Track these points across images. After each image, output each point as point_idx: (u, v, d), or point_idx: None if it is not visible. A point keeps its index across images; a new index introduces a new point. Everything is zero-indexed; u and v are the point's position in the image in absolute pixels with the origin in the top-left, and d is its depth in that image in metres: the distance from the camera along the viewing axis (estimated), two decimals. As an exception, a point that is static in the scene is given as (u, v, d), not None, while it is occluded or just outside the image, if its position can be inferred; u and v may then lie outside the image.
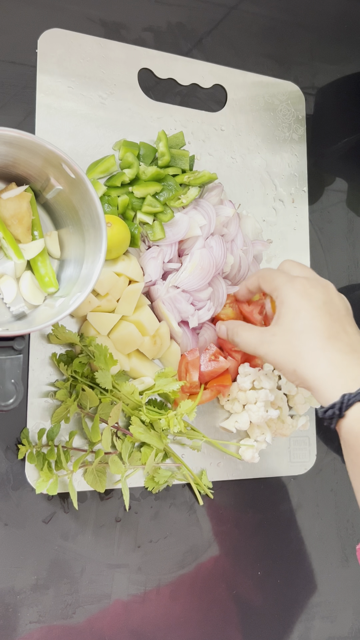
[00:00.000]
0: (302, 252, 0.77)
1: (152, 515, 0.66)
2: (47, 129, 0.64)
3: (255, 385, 0.67)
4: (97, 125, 0.67)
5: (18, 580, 0.60)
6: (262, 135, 0.76)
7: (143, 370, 0.64)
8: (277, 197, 0.76)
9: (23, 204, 0.56)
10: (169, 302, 0.65)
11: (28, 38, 0.65)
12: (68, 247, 0.58)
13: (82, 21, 0.68)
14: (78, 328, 0.63)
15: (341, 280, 0.80)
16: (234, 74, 0.75)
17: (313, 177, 0.79)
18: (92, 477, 0.61)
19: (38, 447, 0.60)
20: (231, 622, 0.68)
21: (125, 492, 0.60)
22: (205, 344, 0.68)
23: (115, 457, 0.61)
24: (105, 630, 0.63)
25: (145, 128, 0.69)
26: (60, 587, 0.61)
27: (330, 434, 0.76)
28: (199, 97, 0.73)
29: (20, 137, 0.51)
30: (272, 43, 0.79)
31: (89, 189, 0.52)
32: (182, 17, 0.74)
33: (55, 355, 0.62)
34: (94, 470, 0.61)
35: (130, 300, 0.63)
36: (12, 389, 0.52)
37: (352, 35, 0.84)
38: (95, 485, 0.61)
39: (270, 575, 0.71)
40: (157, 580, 0.66)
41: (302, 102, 0.79)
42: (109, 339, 0.63)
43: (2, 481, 0.60)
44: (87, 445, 0.63)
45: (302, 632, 0.72)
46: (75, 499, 0.59)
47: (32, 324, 0.54)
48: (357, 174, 0.83)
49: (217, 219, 0.67)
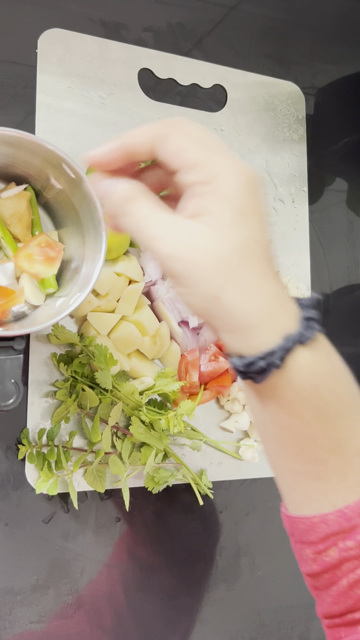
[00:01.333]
0: (302, 252, 0.77)
1: (152, 515, 0.66)
2: (47, 129, 0.64)
3: (255, 385, 0.67)
4: (97, 125, 0.67)
5: (18, 580, 0.60)
6: (262, 135, 0.76)
7: (143, 370, 0.64)
8: (277, 197, 0.76)
9: (22, 203, 0.56)
10: (169, 302, 0.65)
11: (28, 38, 0.65)
12: (68, 247, 0.58)
13: (82, 21, 0.68)
14: (78, 328, 0.63)
15: (341, 280, 0.80)
16: (234, 74, 0.75)
17: (313, 177, 0.79)
18: (92, 478, 0.61)
19: (38, 447, 0.60)
20: (231, 622, 0.68)
21: (125, 492, 0.60)
22: (205, 344, 0.68)
23: (115, 457, 0.61)
24: (105, 630, 0.63)
25: (145, 128, 0.69)
26: (60, 587, 0.61)
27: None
28: (199, 97, 0.73)
29: (20, 137, 0.51)
30: (272, 43, 0.79)
31: (89, 189, 0.52)
32: (182, 17, 0.74)
33: (55, 355, 0.62)
34: (94, 471, 0.61)
35: (130, 300, 0.63)
36: (12, 389, 0.52)
37: (352, 35, 0.84)
38: (96, 485, 0.61)
39: (270, 574, 0.71)
40: (157, 580, 0.66)
41: (302, 102, 0.79)
42: (109, 339, 0.63)
43: (2, 481, 0.60)
44: (87, 445, 0.63)
45: (302, 632, 0.72)
46: (75, 499, 0.59)
47: (32, 324, 0.54)
48: (357, 174, 0.83)
49: (217, 219, 0.67)
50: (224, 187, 0.37)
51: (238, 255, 0.37)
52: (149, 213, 0.38)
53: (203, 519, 0.68)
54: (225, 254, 0.37)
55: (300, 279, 0.76)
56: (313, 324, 0.38)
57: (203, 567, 0.68)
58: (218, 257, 0.37)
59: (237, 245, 0.37)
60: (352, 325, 0.81)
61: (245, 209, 0.37)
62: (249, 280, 0.37)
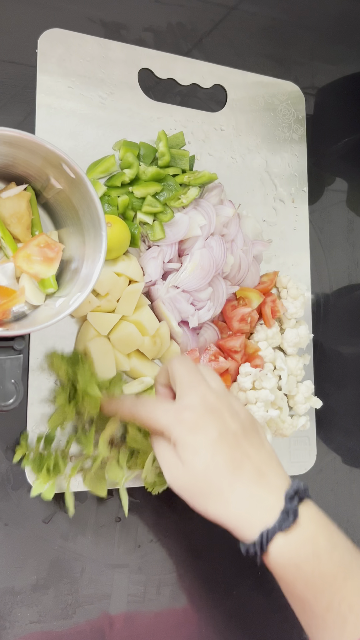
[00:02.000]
0: (302, 252, 0.77)
1: (153, 515, 0.66)
2: (47, 129, 0.64)
3: (256, 385, 0.67)
4: (97, 125, 0.67)
5: (18, 580, 0.60)
6: (262, 135, 0.76)
7: (143, 370, 0.64)
8: (277, 197, 0.76)
9: (22, 203, 0.56)
10: (169, 302, 0.65)
11: (28, 38, 0.65)
12: (68, 247, 0.58)
13: (82, 21, 0.68)
14: (78, 328, 0.63)
15: (341, 280, 0.80)
16: (234, 74, 0.75)
17: (313, 177, 0.79)
18: (91, 482, 0.61)
19: (35, 450, 0.60)
20: (231, 622, 0.68)
21: (124, 498, 0.60)
22: (205, 344, 0.68)
23: (113, 463, 0.61)
24: (105, 630, 0.63)
25: (145, 128, 0.69)
26: (60, 587, 0.61)
27: (331, 434, 0.76)
28: (199, 97, 0.73)
29: (20, 137, 0.51)
30: (272, 43, 0.79)
31: (89, 189, 0.52)
32: (182, 17, 0.74)
33: (55, 354, 0.61)
34: (92, 477, 0.61)
35: (130, 300, 0.63)
36: (12, 389, 0.51)
37: (352, 35, 0.84)
38: (97, 489, 0.61)
39: (270, 574, 0.71)
40: (158, 580, 0.65)
41: (302, 102, 0.79)
42: (109, 339, 0.63)
43: (2, 481, 0.60)
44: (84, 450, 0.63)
45: (302, 632, 0.72)
46: (71, 504, 0.59)
47: (32, 324, 0.54)
48: (357, 174, 0.83)
49: (217, 219, 0.67)
50: (174, 437, 0.51)
51: (203, 479, 0.49)
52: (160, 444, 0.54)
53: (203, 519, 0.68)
54: (196, 483, 0.50)
55: (300, 279, 0.76)
56: (291, 515, 0.48)
57: (203, 567, 0.68)
58: (192, 486, 0.50)
59: (200, 473, 0.50)
60: (352, 325, 0.81)
61: (195, 445, 0.50)
62: (220, 496, 0.49)
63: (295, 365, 0.71)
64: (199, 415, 0.51)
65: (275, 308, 0.70)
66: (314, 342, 0.76)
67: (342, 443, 0.77)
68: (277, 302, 0.71)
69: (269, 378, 0.67)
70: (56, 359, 0.61)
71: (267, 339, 0.70)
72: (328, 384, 0.77)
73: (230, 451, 0.50)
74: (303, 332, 0.71)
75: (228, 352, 0.68)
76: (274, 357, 0.70)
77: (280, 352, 0.71)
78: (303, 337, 0.71)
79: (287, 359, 0.71)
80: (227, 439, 0.51)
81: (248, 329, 0.69)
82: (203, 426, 0.51)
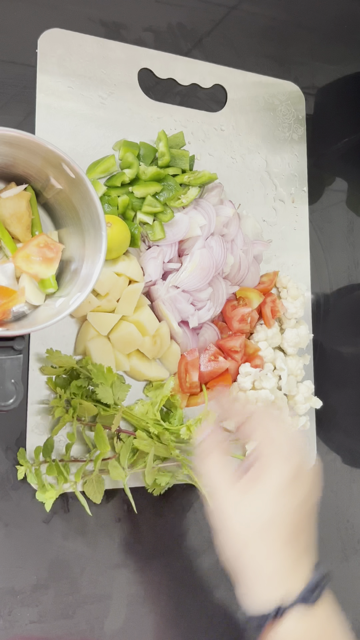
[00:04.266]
0: (302, 252, 0.77)
1: (153, 515, 0.66)
2: (47, 129, 0.64)
3: (256, 385, 0.67)
4: (97, 125, 0.67)
5: (18, 580, 0.60)
6: (262, 135, 0.76)
7: (143, 370, 0.64)
8: (277, 197, 0.76)
9: (22, 203, 0.56)
10: (169, 302, 0.65)
11: (28, 38, 0.65)
12: (68, 247, 0.57)
13: (82, 21, 0.68)
14: (78, 328, 0.63)
15: (341, 280, 0.80)
16: (234, 74, 0.75)
17: (313, 177, 0.79)
18: (89, 488, 0.61)
19: (36, 464, 0.59)
20: (232, 622, 0.68)
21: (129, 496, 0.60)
22: (205, 344, 0.68)
23: (115, 462, 0.60)
24: (105, 630, 0.63)
25: (145, 128, 0.69)
26: (60, 587, 0.61)
27: (331, 434, 0.76)
28: (199, 97, 0.73)
29: (20, 137, 0.51)
30: (272, 43, 0.79)
31: (89, 189, 0.52)
32: (182, 17, 0.74)
33: (52, 380, 0.61)
34: (93, 481, 0.60)
35: (130, 300, 0.63)
36: (12, 389, 0.51)
37: (352, 35, 0.84)
38: (93, 495, 0.60)
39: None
40: (158, 581, 0.65)
41: (302, 102, 0.79)
42: (109, 339, 0.63)
43: (2, 481, 0.60)
44: (83, 453, 0.62)
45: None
46: (87, 507, 0.59)
47: (32, 324, 0.54)
48: (357, 174, 0.83)
49: (217, 219, 0.67)
50: (267, 474, 0.49)
51: (260, 528, 0.48)
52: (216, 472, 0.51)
53: (203, 519, 0.68)
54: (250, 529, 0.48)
55: (300, 279, 0.76)
56: (314, 596, 0.47)
57: (204, 567, 0.68)
58: (244, 526, 0.48)
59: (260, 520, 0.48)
60: (352, 325, 0.81)
61: (274, 496, 0.48)
62: (260, 553, 0.48)
63: (295, 365, 0.71)
64: (295, 476, 0.49)
65: (275, 308, 0.70)
66: (314, 342, 0.76)
67: (342, 443, 0.77)
68: (277, 302, 0.71)
69: (269, 378, 0.67)
70: (50, 382, 0.61)
71: (267, 339, 0.70)
72: (328, 384, 0.77)
73: (298, 519, 0.49)
74: (303, 332, 0.71)
75: (228, 352, 0.68)
76: (274, 357, 0.70)
77: (280, 352, 0.71)
78: (303, 337, 0.71)
79: (287, 359, 0.71)
80: (303, 507, 0.49)
81: (248, 329, 0.69)
82: (294, 489, 0.49)
